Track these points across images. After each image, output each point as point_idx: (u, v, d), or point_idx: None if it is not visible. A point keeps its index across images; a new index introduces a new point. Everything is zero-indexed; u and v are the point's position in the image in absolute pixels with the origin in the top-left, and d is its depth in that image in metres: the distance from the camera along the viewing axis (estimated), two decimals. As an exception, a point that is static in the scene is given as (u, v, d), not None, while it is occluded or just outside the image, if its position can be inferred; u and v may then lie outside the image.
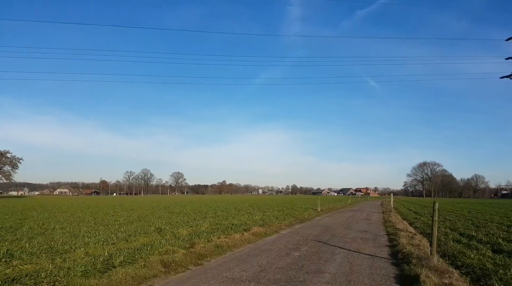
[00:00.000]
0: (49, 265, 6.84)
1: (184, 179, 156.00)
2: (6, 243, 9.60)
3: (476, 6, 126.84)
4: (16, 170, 67.20)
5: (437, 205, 7.65)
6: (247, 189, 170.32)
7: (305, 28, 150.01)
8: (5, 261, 7.27)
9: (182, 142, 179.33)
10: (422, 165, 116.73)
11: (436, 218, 7.58)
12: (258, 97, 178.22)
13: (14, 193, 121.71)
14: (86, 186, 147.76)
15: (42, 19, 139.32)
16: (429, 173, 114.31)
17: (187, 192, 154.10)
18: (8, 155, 66.46)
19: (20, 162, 67.28)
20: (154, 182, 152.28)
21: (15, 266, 6.74)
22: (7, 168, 67.13)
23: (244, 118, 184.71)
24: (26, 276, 5.93)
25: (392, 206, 28.27)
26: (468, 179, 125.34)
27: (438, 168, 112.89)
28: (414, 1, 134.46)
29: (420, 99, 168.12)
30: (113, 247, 9.06)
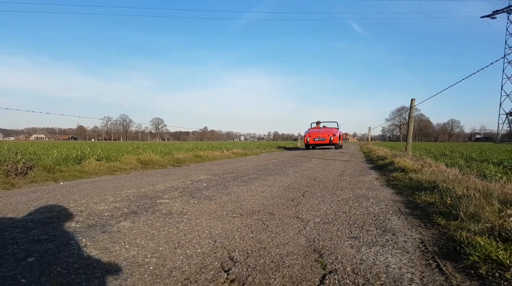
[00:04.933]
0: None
1: (165, 125, 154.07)
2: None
3: None
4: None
5: (414, 102, 7.65)
6: (229, 135, 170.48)
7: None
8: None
9: (161, 86, 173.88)
10: (400, 110, 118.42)
11: (412, 115, 7.60)
12: (240, 40, 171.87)
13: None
14: (63, 132, 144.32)
15: None
16: (407, 118, 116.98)
17: (167, 139, 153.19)
18: (-23, 97, 63.01)
19: None
20: (133, 128, 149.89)
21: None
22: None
23: (225, 61, 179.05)
24: None
25: (370, 139, 29.05)
26: (444, 124, 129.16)
27: (416, 113, 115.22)
28: None
29: (402, 43, 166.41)
30: (88, 151, 8.85)
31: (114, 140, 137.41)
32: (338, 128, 18.87)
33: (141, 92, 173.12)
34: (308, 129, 19.35)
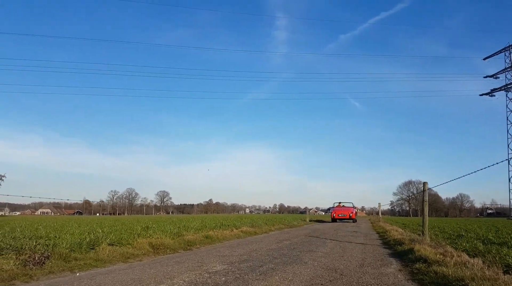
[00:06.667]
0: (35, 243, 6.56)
1: (170, 198, 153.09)
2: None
3: (454, 30, 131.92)
4: (-2, 187, 64.28)
5: (427, 186, 7.69)
6: (234, 208, 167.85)
7: (291, 51, 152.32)
8: None
9: (167, 161, 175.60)
10: (408, 184, 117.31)
11: (426, 198, 7.60)
12: (242, 117, 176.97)
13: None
14: (69, 206, 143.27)
15: (25, 31, 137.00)
16: (415, 192, 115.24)
17: (172, 212, 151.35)
18: (-10, 172, 63.76)
19: (3, 179, 64.57)
20: (138, 202, 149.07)
21: None
22: (-12, 185, 64.18)
23: (229, 136, 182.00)
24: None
25: (380, 216, 28.43)
26: (453, 198, 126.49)
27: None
28: (394, 27, 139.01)
29: (403, 120, 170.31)
30: (100, 234, 8.76)
31: (119, 214, 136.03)
32: (353, 207, 27.70)
33: (147, 166, 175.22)
34: (333, 207, 28.56)
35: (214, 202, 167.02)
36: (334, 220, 25.83)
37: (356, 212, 26.42)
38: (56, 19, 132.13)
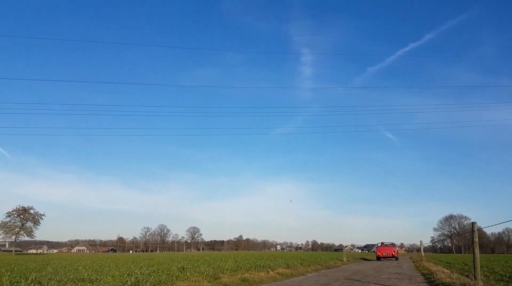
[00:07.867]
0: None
1: (201, 234, 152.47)
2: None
3: (487, 58, 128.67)
4: (38, 227, 66.60)
5: (475, 226, 7.26)
6: (265, 244, 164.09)
7: (318, 86, 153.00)
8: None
9: (198, 197, 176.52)
10: (449, 219, 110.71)
11: (476, 239, 7.15)
12: (272, 151, 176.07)
13: (33, 251, 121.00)
14: (103, 244, 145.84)
15: (60, 78, 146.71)
16: (457, 227, 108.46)
17: (202, 249, 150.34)
18: (31, 211, 66.36)
19: (43, 218, 66.92)
20: (170, 238, 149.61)
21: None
22: (29, 224, 66.67)
23: (258, 171, 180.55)
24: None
25: (423, 255, 26.85)
26: (499, 233, 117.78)
27: (466, 222, 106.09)
28: (424, 58, 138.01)
29: (440, 151, 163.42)
30: (140, 277, 8.81)
31: (151, 251, 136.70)
32: (395, 246, 30.73)
33: (179, 202, 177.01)
34: (377, 247, 31.79)
35: (244, 238, 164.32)
36: (378, 258, 28.84)
37: (397, 251, 29.47)
38: (91, 65, 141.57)
